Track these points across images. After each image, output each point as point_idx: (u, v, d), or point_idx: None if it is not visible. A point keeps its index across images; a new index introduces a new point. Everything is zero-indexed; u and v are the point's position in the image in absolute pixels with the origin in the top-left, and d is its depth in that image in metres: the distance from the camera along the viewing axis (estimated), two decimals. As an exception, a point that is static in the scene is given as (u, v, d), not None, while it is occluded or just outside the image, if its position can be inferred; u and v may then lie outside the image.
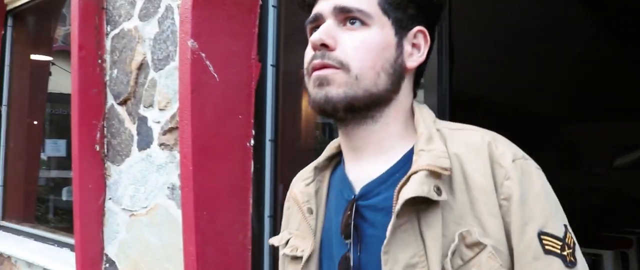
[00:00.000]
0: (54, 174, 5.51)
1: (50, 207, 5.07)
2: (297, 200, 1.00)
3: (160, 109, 2.54)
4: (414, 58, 0.95)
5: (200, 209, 2.21)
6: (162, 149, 2.54)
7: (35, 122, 4.97)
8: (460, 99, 1.92)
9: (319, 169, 1.04)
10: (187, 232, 2.24)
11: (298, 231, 1.02)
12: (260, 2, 2.42)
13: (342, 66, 0.88)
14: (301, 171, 1.09)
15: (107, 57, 2.94)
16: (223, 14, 2.30)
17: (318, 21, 0.94)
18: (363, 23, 0.90)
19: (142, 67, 2.69)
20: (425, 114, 0.96)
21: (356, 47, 0.88)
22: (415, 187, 0.82)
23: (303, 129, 2.61)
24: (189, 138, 2.19)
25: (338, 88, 0.88)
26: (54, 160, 5.53)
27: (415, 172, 0.84)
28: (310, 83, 0.92)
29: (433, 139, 0.89)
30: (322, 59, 0.89)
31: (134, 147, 2.72)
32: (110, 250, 2.91)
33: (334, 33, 0.90)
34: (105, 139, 2.94)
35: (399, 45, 0.92)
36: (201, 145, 2.22)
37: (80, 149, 2.86)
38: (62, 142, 6.11)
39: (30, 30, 4.63)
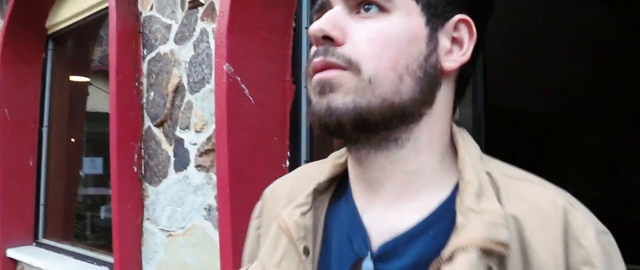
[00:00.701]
0: (91, 191, 5.63)
1: (88, 224, 5.17)
2: (290, 234, 0.72)
3: (197, 131, 2.58)
4: (454, 57, 0.70)
5: (237, 230, 2.23)
6: (199, 171, 2.57)
7: (73, 140, 5.09)
8: (492, 111, 1.89)
9: (318, 193, 0.76)
10: (225, 253, 2.26)
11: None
12: (293, 25, 2.45)
13: (351, 66, 0.65)
14: (281, 182, 0.87)
15: (144, 80, 3.00)
16: (257, 37, 2.33)
17: (326, 9, 0.70)
18: (381, 8, 0.66)
19: (178, 89, 2.74)
20: (470, 147, 0.71)
21: (371, 40, 0.65)
22: None
23: (337, 149, 2.62)
24: (226, 160, 2.22)
25: (345, 96, 0.64)
26: (91, 177, 5.66)
27: (462, 248, 0.60)
28: (311, 89, 0.69)
29: (484, 193, 0.64)
30: (324, 56, 0.65)
31: (171, 169, 2.77)
32: (149, 269, 2.95)
33: (343, 23, 0.67)
34: (143, 160, 2.99)
35: (432, 39, 0.68)
36: (237, 168, 2.25)
37: (119, 170, 2.91)
38: (98, 160, 6.24)
39: (69, 53, 4.76)
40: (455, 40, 0.70)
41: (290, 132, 2.42)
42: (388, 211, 0.70)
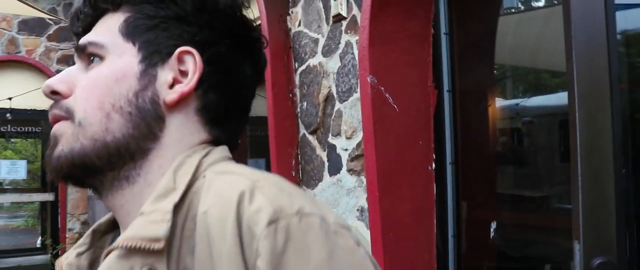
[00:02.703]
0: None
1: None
2: None
3: (347, 138, 2.76)
4: (176, 88, 0.70)
5: (387, 231, 2.38)
6: (351, 175, 2.75)
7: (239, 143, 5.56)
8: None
9: (99, 233, 0.76)
10: (376, 252, 2.42)
11: None
12: (432, 31, 2.53)
13: (69, 114, 0.69)
14: None
15: (297, 91, 3.25)
16: (397, 47, 2.45)
17: None
18: (100, 57, 0.70)
19: (328, 99, 2.94)
20: (191, 159, 0.68)
21: (83, 86, 0.69)
22: None
23: (484, 149, 2.67)
24: (374, 166, 2.37)
25: (65, 144, 0.68)
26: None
27: (112, 250, 0.61)
28: None
29: (168, 195, 0.62)
30: (52, 109, 0.71)
31: (325, 173, 2.98)
32: (310, 265, 3.20)
33: (74, 77, 0.71)
34: (300, 165, 3.24)
35: (146, 74, 0.69)
36: (385, 172, 2.39)
37: (279, 174, 3.18)
38: (261, 161, 6.75)
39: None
40: (183, 73, 0.71)
41: (434, 136, 2.51)
42: None
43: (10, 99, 6.25)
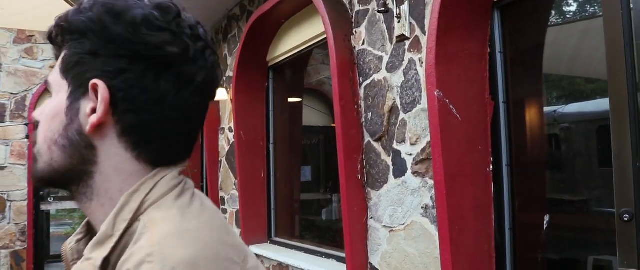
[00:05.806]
0: (304, 196, 6.48)
1: (308, 224, 6.01)
2: (66, 257, 0.82)
3: (412, 144, 3.13)
4: (89, 119, 0.74)
5: (453, 224, 2.74)
6: (415, 177, 3.12)
7: (294, 152, 5.94)
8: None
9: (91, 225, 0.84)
10: (443, 244, 2.78)
11: None
12: (488, 50, 2.90)
13: (34, 143, 0.80)
14: None
15: (361, 103, 3.64)
16: (460, 64, 2.83)
17: None
18: (51, 95, 0.80)
19: (392, 110, 3.32)
20: (134, 198, 0.73)
21: (40, 122, 0.79)
22: None
23: (535, 153, 3.02)
24: (441, 168, 2.74)
25: (36, 164, 0.80)
26: (304, 183, 6.50)
27: None
28: None
29: (105, 244, 0.70)
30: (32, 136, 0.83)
31: (390, 176, 3.35)
32: (374, 260, 3.57)
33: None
34: (365, 170, 3.62)
35: (71, 109, 0.75)
36: (450, 174, 2.76)
37: (346, 178, 3.56)
38: (307, 169, 7.08)
39: (286, 79, 5.62)
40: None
41: (492, 142, 2.87)
42: None
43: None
